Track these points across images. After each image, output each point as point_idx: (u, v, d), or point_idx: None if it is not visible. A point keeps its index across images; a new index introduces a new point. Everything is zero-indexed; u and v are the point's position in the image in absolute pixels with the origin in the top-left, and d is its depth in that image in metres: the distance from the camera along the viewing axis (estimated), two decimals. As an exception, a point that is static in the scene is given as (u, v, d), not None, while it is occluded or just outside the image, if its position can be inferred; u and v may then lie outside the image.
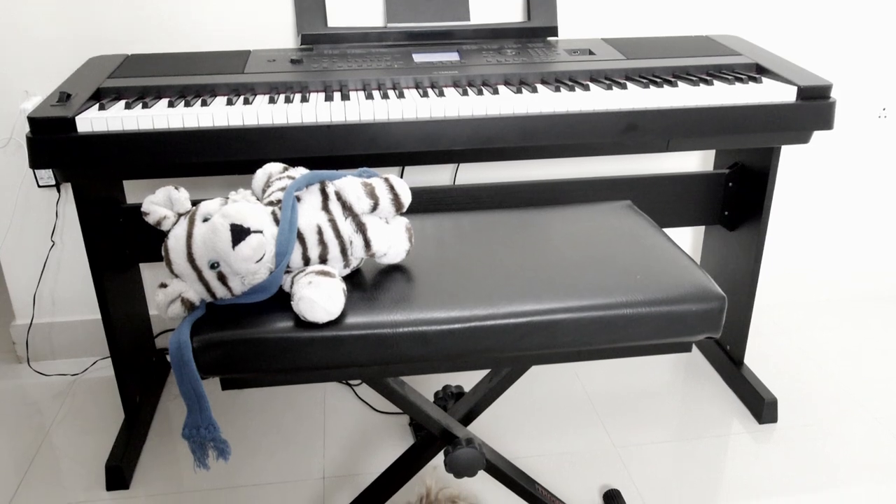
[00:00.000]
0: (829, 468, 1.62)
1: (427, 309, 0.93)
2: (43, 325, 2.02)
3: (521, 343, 0.94)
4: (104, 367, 2.01)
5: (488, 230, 1.15)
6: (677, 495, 1.55)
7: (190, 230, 0.93)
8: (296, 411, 1.82)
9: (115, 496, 1.56)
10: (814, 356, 2.04)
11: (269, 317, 0.92)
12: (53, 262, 1.95)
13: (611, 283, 0.99)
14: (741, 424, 1.77)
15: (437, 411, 1.14)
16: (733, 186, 1.82)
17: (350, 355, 0.91)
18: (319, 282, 0.90)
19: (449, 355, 0.93)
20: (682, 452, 1.67)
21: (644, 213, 1.23)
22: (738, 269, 1.85)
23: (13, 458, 1.68)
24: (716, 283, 1.02)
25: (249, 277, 0.93)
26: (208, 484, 1.59)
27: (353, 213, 0.98)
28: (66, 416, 1.82)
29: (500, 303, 0.94)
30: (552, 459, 1.65)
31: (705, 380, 1.94)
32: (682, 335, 0.99)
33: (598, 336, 0.96)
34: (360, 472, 1.62)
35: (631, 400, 1.86)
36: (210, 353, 0.90)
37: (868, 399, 1.86)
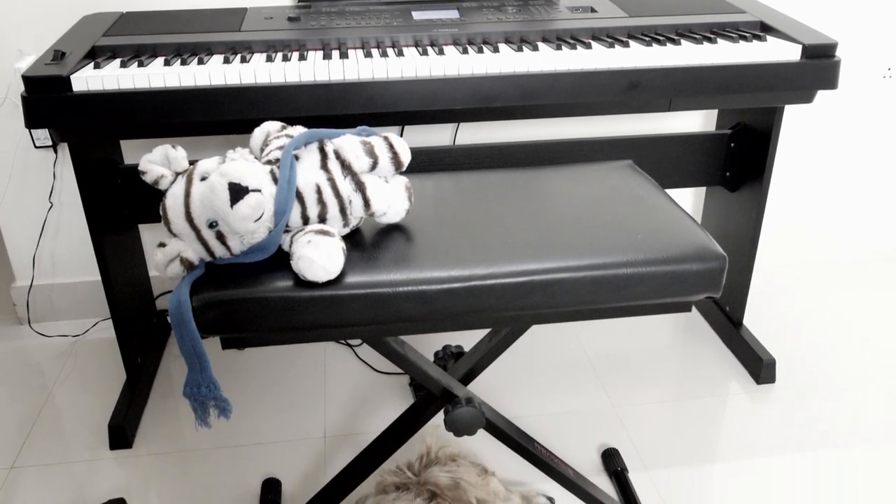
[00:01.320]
0: (825, 428, 1.64)
1: (426, 268, 0.93)
2: (43, 287, 2.02)
3: (520, 302, 0.94)
4: (105, 328, 2.02)
5: (488, 189, 1.14)
6: (675, 454, 1.56)
7: (188, 189, 0.93)
8: (296, 372, 1.83)
9: (118, 455, 1.58)
10: (813, 317, 2.05)
11: (269, 276, 0.92)
12: (52, 223, 1.95)
13: (611, 242, 0.98)
14: (739, 385, 1.78)
15: (437, 371, 1.14)
16: (735, 147, 1.81)
17: (349, 314, 0.91)
18: (319, 241, 0.90)
19: (448, 314, 0.93)
20: (679, 412, 1.69)
21: (645, 173, 1.23)
22: (739, 230, 1.84)
23: (16, 418, 1.69)
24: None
25: (248, 237, 0.92)
26: (210, 443, 1.60)
27: (353, 172, 0.97)
28: (68, 376, 1.83)
29: (500, 262, 0.94)
30: (551, 419, 1.67)
31: (704, 340, 1.95)
32: (682, 295, 0.98)
33: (598, 295, 0.95)
34: (361, 432, 1.63)
35: (629, 360, 1.87)
36: (210, 313, 0.90)
37: (866, 360, 1.87)
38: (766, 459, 1.55)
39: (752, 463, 1.54)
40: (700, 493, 1.46)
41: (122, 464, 1.55)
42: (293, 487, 1.49)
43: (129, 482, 1.51)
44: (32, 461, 1.56)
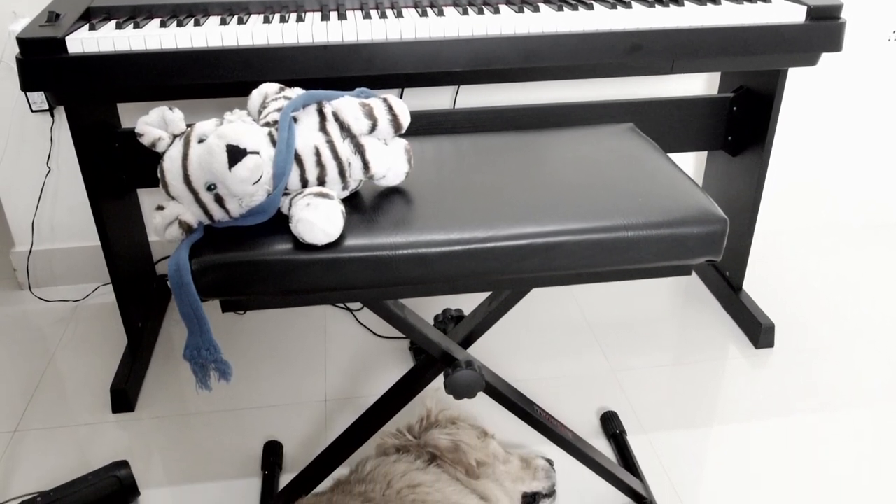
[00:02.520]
0: (823, 392, 1.65)
1: (426, 231, 0.92)
2: (43, 252, 2.02)
3: (520, 265, 0.93)
4: (105, 293, 2.02)
5: (489, 152, 1.13)
6: (673, 417, 1.57)
7: (186, 151, 0.92)
8: (297, 336, 1.84)
9: (120, 418, 1.59)
10: (813, 283, 2.05)
11: (268, 239, 0.91)
12: (50, 188, 1.94)
13: (612, 205, 0.98)
14: (738, 349, 1.79)
15: (437, 334, 1.14)
16: (738, 111, 1.80)
17: (349, 277, 0.91)
18: (318, 203, 0.89)
19: (448, 277, 0.93)
20: (678, 376, 1.69)
21: (646, 136, 1.22)
22: (740, 195, 1.83)
23: (19, 382, 1.70)
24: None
25: (247, 199, 0.92)
26: (212, 406, 1.62)
27: (352, 134, 0.96)
28: (70, 341, 1.84)
29: (500, 225, 0.93)
30: (550, 382, 1.68)
31: (703, 305, 1.96)
32: (682, 258, 0.98)
33: (599, 259, 0.95)
34: (361, 395, 1.64)
35: (629, 325, 1.87)
36: (209, 276, 0.90)
37: (865, 325, 1.87)
38: (763, 422, 1.56)
39: (749, 426, 1.55)
40: (697, 455, 1.48)
41: (125, 427, 1.57)
42: (294, 450, 1.50)
43: (132, 445, 1.52)
44: (36, 424, 1.58)
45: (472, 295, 1.96)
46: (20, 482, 1.43)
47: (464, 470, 1.17)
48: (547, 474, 1.32)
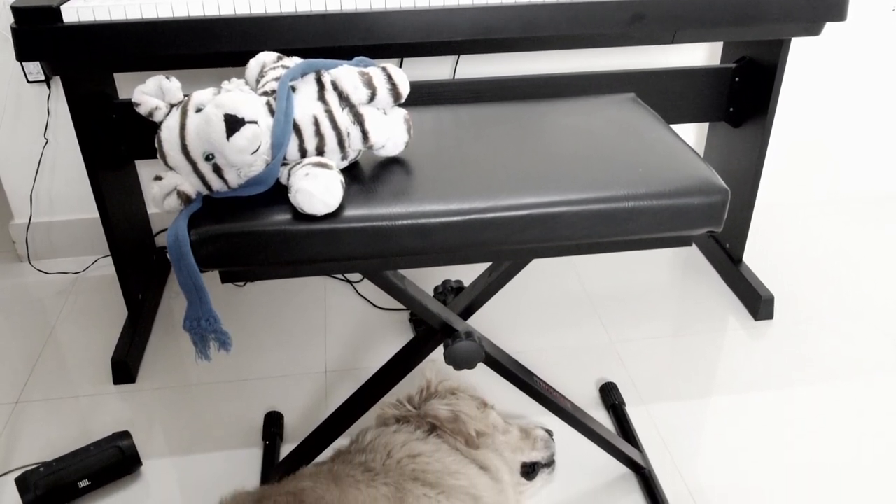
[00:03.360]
0: (821, 364, 1.65)
1: (426, 201, 0.92)
2: (42, 224, 2.01)
3: (520, 236, 0.93)
4: (105, 265, 2.02)
5: (489, 122, 1.13)
6: (671, 388, 1.58)
7: (183, 121, 0.91)
8: (297, 308, 1.84)
9: (121, 389, 1.60)
10: (813, 255, 2.05)
11: (267, 209, 0.91)
12: (48, 160, 1.93)
13: (613, 175, 0.97)
14: (737, 321, 1.79)
15: (437, 305, 1.14)
16: (740, 81, 1.78)
17: (348, 248, 0.91)
18: (317, 173, 0.89)
19: (448, 248, 0.93)
20: (677, 347, 1.70)
21: (647, 106, 1.21)
22: (741, 167, 1.82)
23: (20, 354, 1.71)
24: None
25: (245, 169, 0.91)
26: (212, 377, 1.62)
27: (351, 104, 0.95)
28: (70, 313, 1.84)
29: (500, 195, 0.93)
30: (550, 354, 1.68)
31: (703, 277, 1.96)
32: (683, 229, 0.98)
33: (599, 229, 0.95)
34: (361, 367, 1.65)
35: (628, 297, 1.87)
36: (208, 246, 0.89)
37: (864, 298, 1.87)
38: (761, 394, 1.57)
39: (747, 397, 1.56)
40: (696, 426, 1.49)
41: (126, 398, 1.57)
42: (295, 420, 1.51)
43: (134, 416, 1.53)
44: (37, 396, 1.58)
45: (471, 266, 1.96)
46: (23, 453, 1.44)
47: (463, 440, 1.17)
48: (546, 444, 1.33)
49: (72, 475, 1.32)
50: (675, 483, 1.36)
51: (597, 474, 1.38)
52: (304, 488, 1.02)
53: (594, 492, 1.35)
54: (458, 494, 1.08)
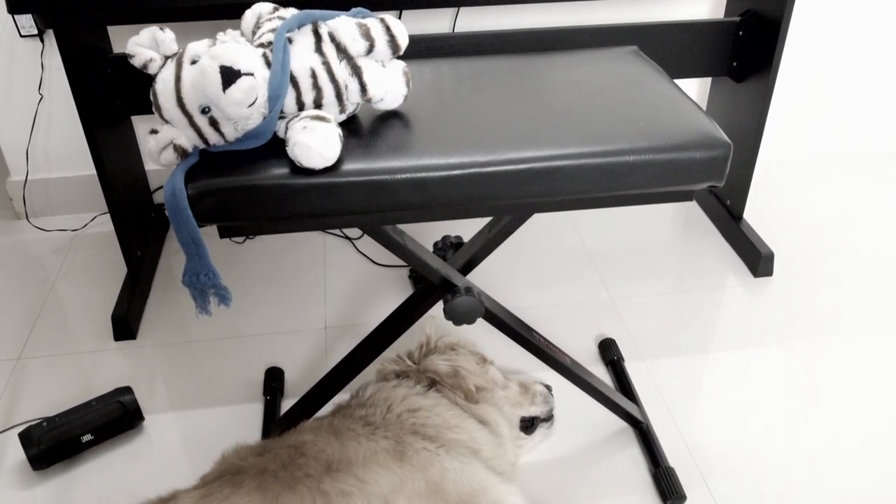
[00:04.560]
0: (820, 321, 1.66)
1: (425, 155, 0.91)
2: (39, 181, 2.00)
3: (521, 190, 0.92)
4: (103, 222, 2.01)
5: (489, 76, 1.11)
6: (670, 344, 1.59)
7: (178, 73, 0.89)
8: (296, 265, 1.84)
9: (122, 346, 1.60)
10: (814, 213, 2.04)
11: (265, 163, 0.90)
12: (43, 116, 1.91)
13: (614, 129, 0.96)
14: (736, 278, 1.79)
15: (436, 260, 1.14)
16: (744, 35, 1.75)
17: (347, 202, 0.90)
18: (315, 127, 0.88)
19: (447, 202, 0.92)
20: (676, 304, 1.70)
21: (650, 59, 1.19)
22: (744, 123, 1.81)
23: (20, 311, 1.71)
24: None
25: (242, 123, 0.90)
26: (213, 334, 1.63)
27: (348, 56, 0.94)
28: (70, 270, 1.84)
29: (501, 149, 0.92)
30: (549, 310, 1.68)
31: (703, 234, 1.95)
32: (684, 183, 0.97)
33: (601, 183, 0.94)
34: (361, 323, 1.65)
35: (628, 253, 1.87)
36: (205, 201, 0.89)
37: (864, 255, 1.87)
38: (759, 350, 1.57)
39: (745, 353, 1.56)
40: (694, 381, 1.50)
41: (127, 354, 1.58)
42: (295, 376, 1.52)
43: (135, 372, 1.54)
44: (39, 352, 1.59)
45: (471, 221, 1.95)
46: (25, 408, 1.45)
47: (463, 395, 1.18)
48: (545, 399, 1.34)
49: (75, 430, 1.33)
50: (673, 437, 1.38)
51: (595, 429, 1.39)
52: (305, 441, 1.03)
53: (592, 446, 1.36)
54: (458, 448, 1.09)
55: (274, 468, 0.97)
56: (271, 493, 0.93)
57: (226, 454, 1.06)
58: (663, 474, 1.28)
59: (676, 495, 1.24)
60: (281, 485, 0.94)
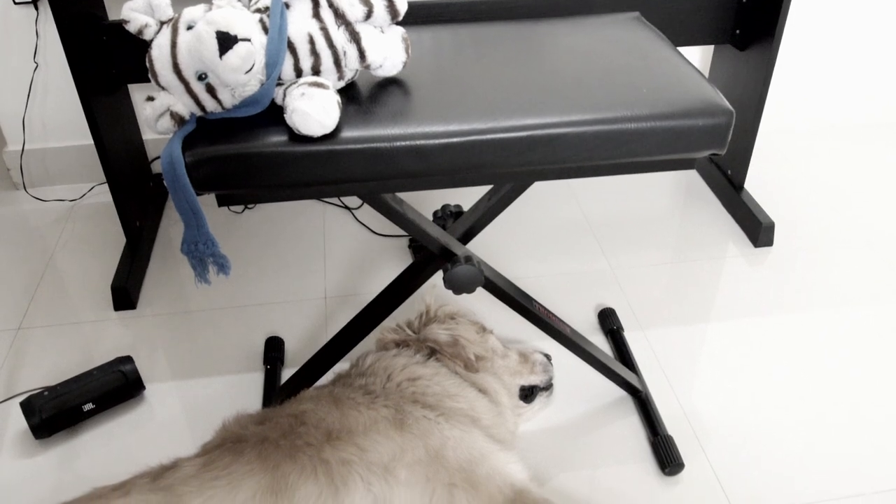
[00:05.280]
0: (820, 290, 1.66)
1: (425, 122, 0.90)
2: (36, 151, 1.99)
3: (521, 158, 0.91)
4: (102, 192, 2.00)
5: (489, 42, 1.09)
6: (670, 314, 1.59)
7: (174, 39, 0.88)
8: (296, 235, 1.84)
9: (122, 316, 1.61)
10: (815, 182, 2.03)
11: (263, 131, 0.89)
12: (39, 84, 1.89)
13: (616, 96, 0.95)
14: (736, 248, 1.79)
15: (436, 229, 1.13)
16: (747, 3, 1.73)
17: (346, 170, 0.89)
18: (313, 93, 0.87)
19: (447, 170, 0.91)
20: (676, 274, 1.70)
21: (652, 26, 1.17)
22: (746, 92, 1.79)
23: (20, 281, 1.71)
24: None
25: (239, 89, 0.89)
26: (213, 303, 1.63)
27: (346, 21, 0.92)
28: (68, 240, 1.84)
29: (501, 116, 0.91)
30: (549, 280, 1.68)
31: (704, 204, 1.94)
32: (686, 151, 0.96)
33: (602, 151, 0.93)
34: (361, 293, 1.65)
35: (628, 223, 1.87)
36: (203, 169, 0.88)
37: (866, 226, 1.86)
38: (758, 320, 1.57)
39: (745, 322, 1.57)
40: (693, 351, 1.50)
41: (128, 324, 1.58)
42: (295, 345, 1.52)
43: (135, 342, 1.54)
44: (39, 322, 1.59)
45: (471, 190, 1.94)
46: (27, 377, 1.46)
47: (462, 364, 1.18)
48: (545, 368, 1.35)
49: (76, 399, 1.34)
50: (672, 406, 1.38)
51: (594, 398, 1.40)
52: (305, 410, 1.03)
53: (591, 414, 1.37)
54: (458, 416, 1.09)
55: (274, 437, 0.97)
56: (272, 461, 0.93)
57: (226, 423, 1.06)
58: (662, 442, 1.28)
59: (674, 463, 1.25)
60: (281, 453, 0.94)
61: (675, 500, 1.22)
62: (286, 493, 0.90)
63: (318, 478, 0.92)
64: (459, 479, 0.97)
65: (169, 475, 0.93)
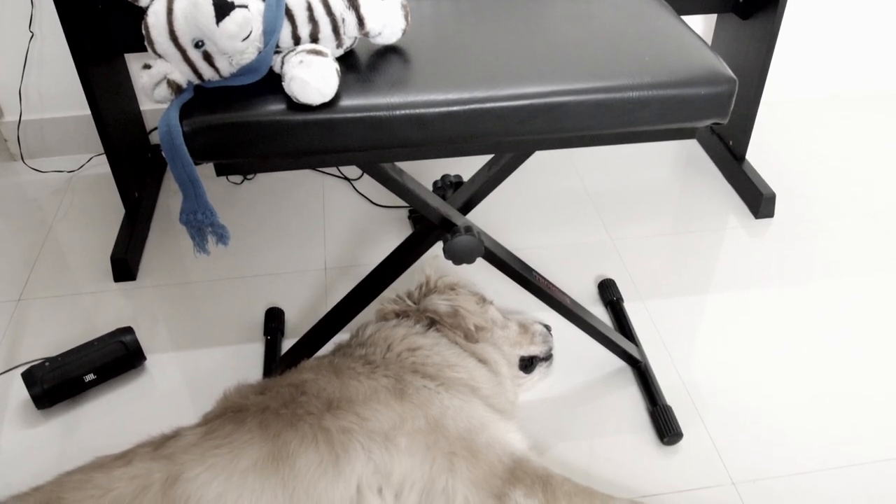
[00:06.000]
0: (820, 261, 1.65)
1: (425, 91, 0.89)
2: (33, 122, 1.97)
3: (522, 126, 0.91)
4: (100, 163, 1.99)
5: (490, 9, 1.08)
6: (669, 285, 1.59)
7: (170, 6, 0.87)
8: (295, 206, 1.83)
9: (122, 287, 1.61)
10: (817, 153, 2.02)
11: (261, 99, 0.88)
12: (35, 54, 1.87)
13: (617, 64, 0.94)
14: (737, 219, 1.78)
15: (436, 199, 1.13)
16: (751, -31, 1.71)
17: (345, 139, 0.88)
18: (311, 61, 0.86)
19: (447, 139, 0.91)
20: (676, 245, 1.70)
21: (655, -7, 1.15)
22: (749, 61, 1.77)
23: (19, 253, 1.71)
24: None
25: (237, 57, 0.88)
26: (213, 275, 1.63)
27: (345, -12, 0.91)
28: (67, 211, 1.83)
29: (501, 84, 0.90)
30: (549, 251, 1.68)
31: (705, 175, 1.94)
32: (688, 120, 0.95)
33: (603, 120, 0.92)
34: (361, 264, 1.65)
35: (629, 194, 1.86)
36: (201, 138, 0.87)
37: (867, 197, 1.86)
38: (758, 291, 1.57)
39: (744, 294, 1.57)
40: (692, 322, 1.50)
41: (128, 295, 1.58)
42: (295, 316, 1.52)
43: (136, 313, 1.54)
44: (39, 293, 1.59)
45: (471, 161, 1.93)
46: (28, 348, 1.46)
47: (462, 334, 1.19)
48: (544, 339, 1.35)
49: (77, 369, 1.34)
50: (671, 377, 1.39)
51: (594, 368, 1.40)
52: (305, 380, 1.04)
53: (591, 384, 1.37)
54: (458, 386, 1.09)
55: (275, 406, 0.98)
56: (273, 429, 0.93)
57: (227, 393, 1.07)
58: (660, 412, 1.29)
59: (673, 433, 1.26)
60: (282, 422, 0.95)
61: (674, 469, 1.23)
62: (287, 461, 0.90)
63: (319, 446, 0.92)
64: (459, 448, 0.98)
65: (171, 444, 0.93)
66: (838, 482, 1.21)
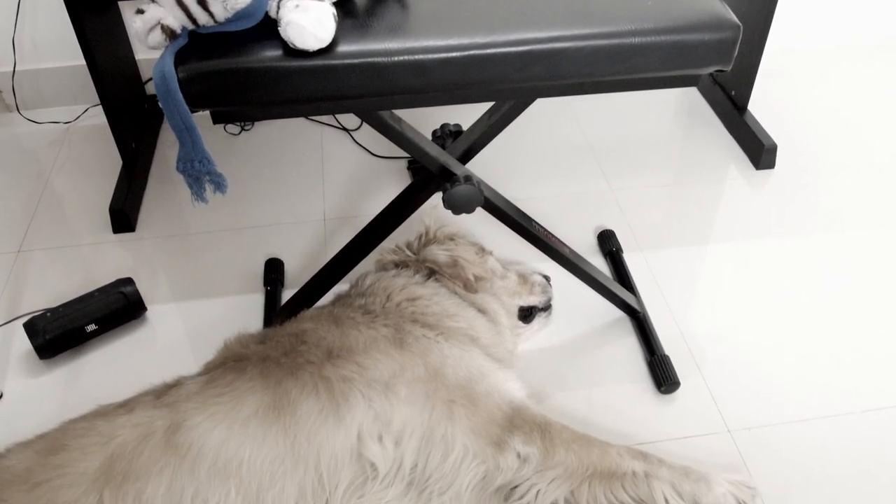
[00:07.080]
0: (820, 213, 1.65)
1: (424, 36, 0.87)
2: (28, 73, 1.95)
3: (522, 73, 0.89)
4: (96, 114, 1.97)
5: (489, -47, 1.06)
6: (669, 236, 1.59)
7: (162, -52, 0.85)
8: (294, 157, 1.82)
9: (121, 238, 1.60)
10: (820, 104, 2.00)
11: (257, 45, 0.87)
12: (28, 2, 1.84)
13: (619, 9, 0.92)
14: (738, 170, 1.77)
15: (435, 148, 1.12)
16: (758, -87, 1.67)
17: (342, 86, 0.87)
18: (308, 6, 0.84)
19: (447, 86, 0.89)
20: (676, 195, 1.69)
21: (659, -64, 1.13)
22: (752, 8, 1.74)
23: (18, 204, 1.70)
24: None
25: (232, 2, 0.86)
26: (212, 226, 1.62)
27: (341, -70, 0.89)
28: (65, 163, 1.82)
29: (501, 30, 0.89)
30: (549, 202, 1.68)
31: (706, 126, 1.92)
32: (691, 66, 0.94)
33: (605, 66, 0.91)
34: (360, 215, 1.64)
35: (629, 145, 1.85)
36: (196, 84, 0.86)
37: (869, 148, 1.84)
38: (758, 242, 1.57)
39: (744, 245, 1.56)
40: (691, 273, 1.50)
41: (127, 247, 1.58)
42: (295, 266, 1.52)
43: (136, 263, 1.54)
44: (39, 245, 1.59)
45: (471, 109, 1.91)
46: (28, 299, 1.47)
47: (462, 284, 1.19)
48: (543, 289, 1.35)
49: (78, 320, 1.35)
50: (669, 327, 1.39)
51: (593, 318, 1.41)
52: (305, 329, 1.04)
53: (590, 334, 1.38)
54: (457, 335, 1.10)
55: (276, 355, 0.98)
56: (274, 378, 0.94)
57: (228, 342, 1.07)
58: (658, 362, 1.30)
59: (671, 382, 1.27)
60: (283, 371, 0.95)
61: (671, 418, 1.25)
62: (288, 409, 0.91)
63: (320, 394, 0.93)
64: (459, 396, 0.99)
65: (173, 392, 0.94)
66: (833, 430, 1.23)
